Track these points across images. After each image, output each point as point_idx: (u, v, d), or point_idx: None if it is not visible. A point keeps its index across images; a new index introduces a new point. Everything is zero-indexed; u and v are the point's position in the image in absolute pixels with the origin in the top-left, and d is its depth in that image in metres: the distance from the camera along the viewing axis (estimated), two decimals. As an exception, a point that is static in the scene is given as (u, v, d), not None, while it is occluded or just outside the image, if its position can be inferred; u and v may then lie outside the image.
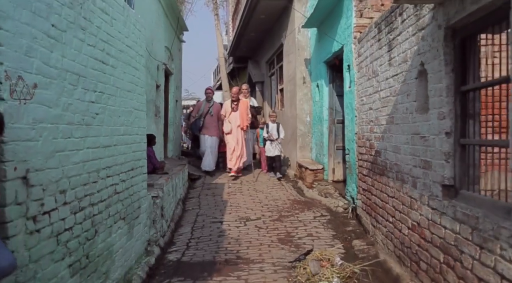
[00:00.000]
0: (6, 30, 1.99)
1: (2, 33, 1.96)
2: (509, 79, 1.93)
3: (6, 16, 1.99)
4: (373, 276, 3.60)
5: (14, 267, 1.74)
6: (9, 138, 2.00)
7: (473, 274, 2.30)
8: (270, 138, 7.91)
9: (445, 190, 2.71)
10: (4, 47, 1.97)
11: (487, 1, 2.07)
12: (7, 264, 1.64)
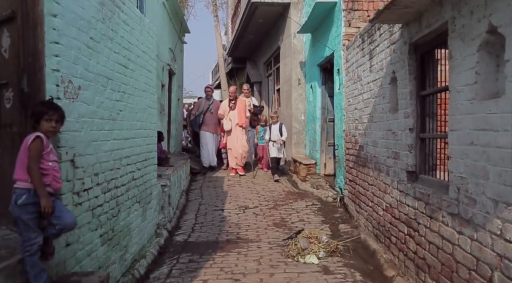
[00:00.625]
0: (61, 44, 2.57)
1: (59, 47, 2.54)
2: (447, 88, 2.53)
3: (62, 33, 2.57)
4: (354, 251, 4.21)
5: (75, 225, 2.32)
6: (62, 129, 2.57)
7: (426, 239, 2.91)
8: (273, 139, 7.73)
9: (409, 175, 3.32)
10: (60, 58, 2.55)
11: (434, 27, 2.66)
12: (72, 221, 2.23)
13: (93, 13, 3.05)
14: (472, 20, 2.23)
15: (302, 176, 7.77)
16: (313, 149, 8.09)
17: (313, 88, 7.98)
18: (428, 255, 2.88)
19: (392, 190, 3.68)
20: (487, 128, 2.10)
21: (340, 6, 5.92)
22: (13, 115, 2.46)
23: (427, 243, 2.89)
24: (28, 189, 2.05)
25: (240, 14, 11.12)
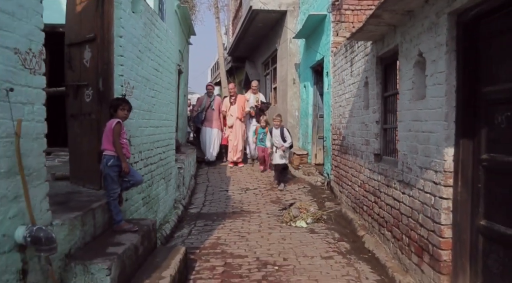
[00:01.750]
0: (124, 56, 3.59)
1: (123, 59, 3.56)
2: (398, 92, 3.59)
3: (124, 49, 3.59)
4: (335, 220, 5.29)
5: (142, 182, 3.37)
6: (123, 117, 3.58)
7: (384, 203, 3.98)
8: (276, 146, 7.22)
9: (376, 157, 4.39)
10: (123, 66, 3.57)
11: (391, 47, 3.72)
12: (140, 179, 3.27)
13: (140, 31, 4.07)
14: (411, 46, 3.29)
15: (295, 165, 8.84)
16: (306, 141, 9.16)
17: (306, 87, 9.03)
18: (385, 214, 3.96)
19: (364, 169, 4.76)
20: (418, 119, 3.17)
21: (329, 18, 6.96)
22: (92, 106, 3.47)
23: (385, 205, 3.97)
24: (114, 156, 3.07)
25: (241, 18, 12.11)
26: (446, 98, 2.70)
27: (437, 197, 2.82)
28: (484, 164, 2.53)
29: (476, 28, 2.54)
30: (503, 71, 2.33)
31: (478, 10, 2.41)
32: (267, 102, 9.76)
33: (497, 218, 2.41)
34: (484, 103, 2.50)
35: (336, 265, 3.78)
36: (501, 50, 2.35)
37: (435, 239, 2.84)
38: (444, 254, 2.76)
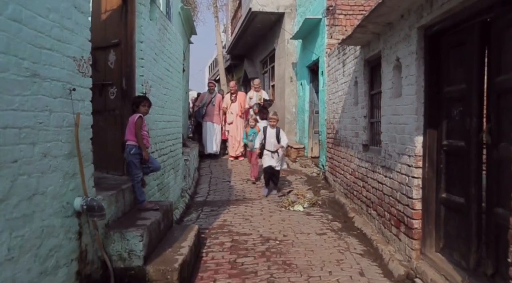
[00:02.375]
0: (144, 59, 4.14)
1: (143, 61, 4.11)
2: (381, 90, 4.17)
3: (144, 53, 4.14)
4: (329, 205, 5.88)
5: (160, 168, 3.92)
6: (143, 112, 4.14)
7: (371, 186, 4.56)
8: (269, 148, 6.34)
9: (364, 147, 4.96)
10: (143, 68, 4.12)
11: (376, 52, 4.29)
12: (158, 165, 3.83)
13: (156, 36, 4.61)
14: (391, 52, 3.86)
15: (293, 158, 9.42)
16: (302, 136, 9.74)
17: (303, 85, 9.59)
18: (372, 196, 4.54)
19: (354, 158, 5.34)
20: (396, 114, 3.74)
21: (324, 21, 7.52)
22: (115, 103, 4.02)
23: (371, 188, 4.55)
24: (135, 145, 3.62)
25: (240, 19, 12.63)
26: (416, 96, 3.27)
27: (410, 177, 3.40)
28: (444, 148, 3.11)
29: (438, 41, 3.12)
30: (456, 75, 2.90)
31: (438, 27, 2.98)
32: (269, 99, 9.91)
33: (453, 190, 2.99)
34: (445, 100, 3.08)
35: (329, 239, 4.36)
36: (455, 59, 2.92)
37: (408, 211, 3.43)
38: (415, 223, 3.35)
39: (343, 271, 3.51)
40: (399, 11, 3.44)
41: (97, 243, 2.81)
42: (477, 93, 2.70)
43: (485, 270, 2.61)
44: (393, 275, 3.45)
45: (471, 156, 2.74)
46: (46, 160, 2.19)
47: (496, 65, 2.48)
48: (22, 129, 1.98)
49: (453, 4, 2.68)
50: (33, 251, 2.05)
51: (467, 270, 2.81)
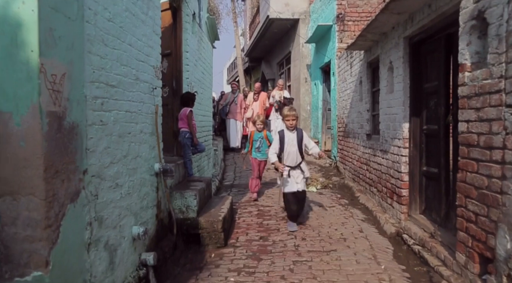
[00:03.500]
0: (189, 65, 5.22)
1: (188, 67, 5.19)
2: (379, 89, 5.12)
3: (189, 60, 5.22)
4: (338, 188, 6.84)
5: (205, 150, 5.00)
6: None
7: (372, 168, 5.52)
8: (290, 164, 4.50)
9: (367, 136, 5.91)
10: (189, 72, 5.20)
11: (375, 56, 5.25)
12: (204, 148, 4.92)
13: (196, 46, 5.70)
14: (386, 56, 4.81)
15: (308, 151, 10.38)
16: (316, 131, 10.70)
17: (317, 85, 10.56)
18: (373, 176, 5.49)
19: (360, 147, 6.29)
20: (390, 106, 4.70)
21: (334, 28, 8.47)
22: (168, 100, 5.11)
23: (372, 170, 5.50)
24: (188, 131, 4.70)
25: (258, 25, 13.69)
26: (403, 91, 4.23)
27: (400, 155, 4.35)
28: (424, 132, 4.06)
29: (419, 48, 4.07)
30: (432, 75, 3.85)
31: (418, 37, 3.94)
32: (290, 97, 10.43)
33: (431, 164, 3.94)
34: (424, 94, 4.02)
35: (337, 210, 5.35)
36: (430, 62, 3.87)
37: (399, 183, 4.38)
38: (404, 192, 4.30)
39: (346, 229, 4.50)
40: (390, 25, 4.40)
41: (166, 197, 3.89)
42: (445, 88, 3.65)
43: (450, 220, 3.55)
44: (386, 233, 4.40)
45: (441, 135, 3.69)
46: (141, 134, 3.28)
47: (456, 67, 3.43)
48: (132, 113, 3.06)
49: (425, 21, 3.63)
50: (137, 193, 3.14)
51: (439, 223, 3.76)
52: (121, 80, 2.85)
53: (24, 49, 1.88)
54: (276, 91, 10.61)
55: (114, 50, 2.73)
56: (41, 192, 1.93)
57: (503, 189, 2.36)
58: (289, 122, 4.55)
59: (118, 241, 2.79)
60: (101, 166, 2.54)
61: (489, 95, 2.50)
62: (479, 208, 2.64)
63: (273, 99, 10.46)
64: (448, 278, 3.01)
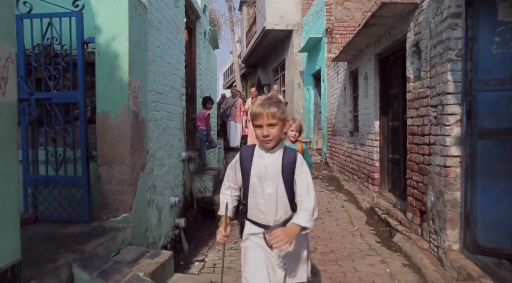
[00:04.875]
0: (201, 74, 6.33)
1: (201, 76, 6.30)
2: (359, 94, 6.26)
3: (201, 71, 6.34)
4: (327, 178, 7.97)
5: (216, 146, 6.10)
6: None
7: (353, 159, 6.65)
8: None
9: (350, 133, 7.06)
10: (201, 80, 6.31)
11: (355, 67, 6.40)
12: (216, 144, 6.01)
13: (205, 58, 6.82)
14: (362, 68, 5.96)
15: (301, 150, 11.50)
16: (309, 132, 11.84)
17: (309, 90, 11.71)
18: (354, 166, 6.62)
19: (345, 143, 7.42)
20: (366, 108, 5.84)
21: (324, 40, 9.64)
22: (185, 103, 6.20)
23: (354, 161, 6.63)
24: (205, 129, 5.80)
25: (255, 34, 14.85)
26: (375, 96, 5.37)
27: (373, 147, 5.48)
28: (390, 127, 5.20)
29: (385, 63, 5.22)
30: (394, 83, 5.00)
31: (384, 54, 5.10)
32: (285, 101, 11.67)
33: (395, 152, 5.07)
34: (390, 98, 5.17)
35: (324, 194, 6.46)
36: (393, 74, 5.02)
37: (372, 169, 5.51)
38: (376, 175, 5.43)
39: (331, 206, 5.62)
40: (364, 44, 5.56)
41: (189, 180, 4.98)
42: (402, 94, 4.78)
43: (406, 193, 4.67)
44: (362, 208, 5.52)
45: (400, 129, 4.82)
46: (174, 129, 4.37)
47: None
48: (169, 113, 4.15)
49: (388, 43, 4.78)
50: (172, 172, 4.22)
51: (399, 196, 4.88)
52: (164, 89, 3.95)
53: (119, 71, 2.97)
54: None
55: (160, 68, 3.84)
56: (128, 162, 3.02)
57: (430, 162, 3.49)
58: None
59: (162, 205, 3.87)
60: (154, 149, 3.63)
61: (422, 99, 3.64)
62: (418, 177, 3.77)
63: (268, 103, 11.63)
64: (401, 231, 4.13)
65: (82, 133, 3.08)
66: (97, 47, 3.00)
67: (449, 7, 3.12)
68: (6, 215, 1.75)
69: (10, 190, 1.77)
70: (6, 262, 1.73)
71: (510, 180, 2.93)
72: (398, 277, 3.27)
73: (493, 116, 2.99)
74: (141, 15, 3.24)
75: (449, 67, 3.12)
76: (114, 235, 2.83)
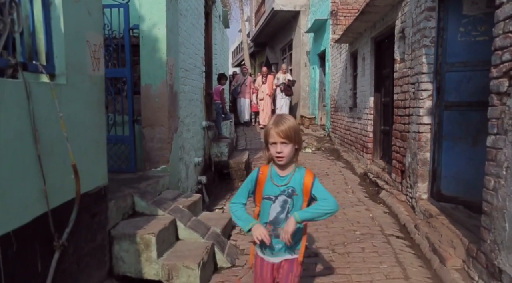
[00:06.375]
0: (216, 54, 7.07)
1: (216, 55, 7.04)
2: (357, 73, 6.96)
3: (216, 50, 7.07)
4: (329, 150, 8.79)
5: (231, 119, 6.93)
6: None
7: (352, 132, 7.43)
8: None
9: (350, 109, 7.80)
10: (216, 59, 7.06)
11: (355, 48, 7.07)
12: (231, 117, 6.84)
13: (220, 39, 7.53)
14: (361, 50, 6.64)
15: (306, 125, 12.28)
16: (314, 109, 12.57)
17: (314, 69, 12.35)
18: (352, 138, 7.41)
19: (345, 118, 8.18)
20: (362, 86, 6.56)
21: (329, 22, 10.22)
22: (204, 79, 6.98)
23: (352, 133, 7.42)
24: (220, 103, 6.59)
25: (264, 15, 15.33)
26: (370, 75, 6.09)
27: (367, 120, 6.25)
28: (382, 102, 5.94)
29: (380, 45, 5.90)
30: (387, 64, 5.70)
31: (379, 38, 5.77)
32: (293, 79, 12.04)
33: (385, 124, 5.84)
34: (383, 77, 5.88)
35: (325, 162, 7.30)
36: (386, 55, 5.71)
37: (366, 139, 6.30)
38: (369, 145, 6.23)
39: (329, 170, 6.47)
40: (362, 28, 6.22)
41: (208, 145, 5.83)
42: (392, 73, 5.50)
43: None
44: (357, 173, 6.35)
45: (390, 104, 5.57)
46: (197, 102, 5.17)
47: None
48: (193, 87, 4.94)
49: (382, 28, 5.46)
50: (195, 137, 5.06)
51: (387, 161, 5.68)
52: (190, 67, 4.73)
53: (158, 52, 3.75)
54: (281, 74, 12.37)
55: (187, 49, 4.60)
56: (166, 125, 3.85)
57: (408, 130, 4.27)
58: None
59: (189, 163, 4.74)
60: (183, 116, 4.45)
61: (404, 78, 4.38)
62: (400, 143, 4.56)
63: (277, 81, 12.22)
64: (386, 189, 4.96)
65: (129, 101, 3.90)
66: (140, 33, 3.77)
67: (426, 1, 3.81)
68: (101, 154, 2.60)
69: (102, 136, 2.62)
70: (102, 183, 2.60)
71: (466, 142, 3.71)
72: (378, 220, 4.13)
73: (457, 92, 3.74)
74: (174, 6, 3.98)
75: (424, 51, 3.84)
76: (157, 180, 3.70)
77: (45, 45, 2.06)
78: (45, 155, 1.94)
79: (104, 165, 2.64)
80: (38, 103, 1.90)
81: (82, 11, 2.30)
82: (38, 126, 1.89)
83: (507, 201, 2.37)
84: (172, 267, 2.74)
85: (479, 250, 2.72)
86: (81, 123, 2.31)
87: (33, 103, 1.86)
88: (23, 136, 1.81)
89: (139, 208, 3.18)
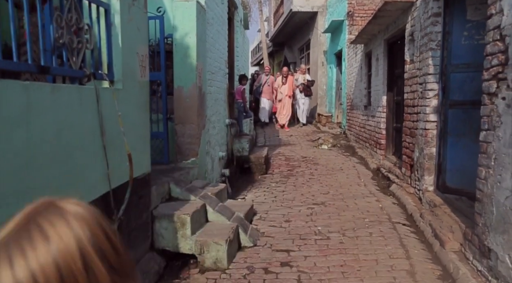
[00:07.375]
0: (238, 56, 7.54)
1: (237, 57, 7.52)
2: (372, 73, 7.29)
3: (238, 52, 7.55)
4: (344, 147, 9.13)
5: (252, 117, 7.40)
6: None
7: (366, 129, 7.76)
8: None
9: (365, 107, 8.12)
10: (238, 61, 7.53)
11: (369, 49, 7.39)
12: (252, 115, 7.30)
13: (241, 42, 8.00)
14: (375, 51, 6.96)
15: (323, 123, 12.62)
16: (331, 107, 12.89)
17: (331, 68, 12.66)
18: (366, 135, 7.74)
19: (360, 115, 8.51)
20: (376, 85, 6.89)
21: (345, 22, 10.52)
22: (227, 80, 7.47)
23: (366, 130, 7.75)
24: (241, 102, 7.07)
25: (282, 15, 15.71)
26: (383, 74, 6.41)
27: (381, 118, 6.58)
28: (395, 101, 6.26)
29: (392, 46, 6.22)
30: (398, 64, 6.01)
31: (391, 40, 6.10)
32: (312, 80, 12.36)
33: (397, 121, 6.16)
34: (395, 77, 6.20)
35: (340, 158, 7.67)
36: (398, 56, 6.02)
37: (380, 136, 6.63)
38: (382, 141, 6.56)
39: (344, 165, 6.84)
40: (376, 30, 6.55)
41: (231, 141, 6.31)
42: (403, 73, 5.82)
43: (405, 153, 5.81)
44: (370, 168, 6.70)
45: (401, 103, 5.88)
46: (221, 101, 5.66)
47: (411, 60, 5.59)
48: (218, 88, 5.43)
49: (394, 31, 5.78)
50: (220, 134, 5.55)
51: (398, 157, 6.01)
52: (215, 70, 5.22)
53: (189, 58, 4.25)
54: (300, 74, 12.68)
55: (213, 54, 5.09)
56: (195, 122, 4.34)
57: (416, 127, 4.61)
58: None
59: (214, 157, 5.23)
60: (210, 114, 4.95)
61: (413, 78, 4.72)
62: (410, 139, 4.91)
63: (296, 82, 12.55)
64: (397, 182, 5.31)
65: (163, 101, 4.41)
66: (174, 41, 4.27)
67: (432, 7, 4.14)
68: (147, 146, 3.11)
69: (147, 132, 3.13)
70: (146, 170, 3.11)
71: (469, 138, 4.03)
72: (387, 209, 4.50)
73: (460, 92, 4.06)
74: (202, 16, 4.47)
75: (430, 54, 4.18)
76: (188, 170, 4.20)
77: (107, 57, 2.56)
78: (108, 145, 2.45)
79: (148, 156, 3.15)
80: (104, 105, 2.41)
81: (133, 28, 2.80)
82: (103, 123, 2.40)
83: (494, 188, 2.73)
84: (203, 243, 3.22)
85: (473, 233, 3.08)
86: (132, 121, 2.82)
87: (101, 104, 2.36)
88: (95, 131, 2.32)
89: (174, 194, 3.69)
